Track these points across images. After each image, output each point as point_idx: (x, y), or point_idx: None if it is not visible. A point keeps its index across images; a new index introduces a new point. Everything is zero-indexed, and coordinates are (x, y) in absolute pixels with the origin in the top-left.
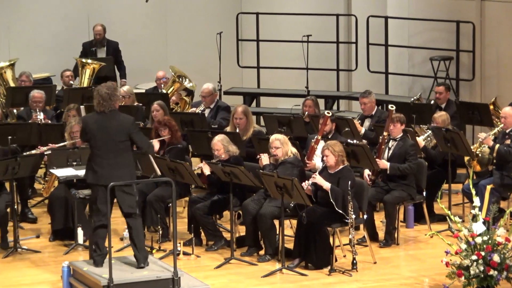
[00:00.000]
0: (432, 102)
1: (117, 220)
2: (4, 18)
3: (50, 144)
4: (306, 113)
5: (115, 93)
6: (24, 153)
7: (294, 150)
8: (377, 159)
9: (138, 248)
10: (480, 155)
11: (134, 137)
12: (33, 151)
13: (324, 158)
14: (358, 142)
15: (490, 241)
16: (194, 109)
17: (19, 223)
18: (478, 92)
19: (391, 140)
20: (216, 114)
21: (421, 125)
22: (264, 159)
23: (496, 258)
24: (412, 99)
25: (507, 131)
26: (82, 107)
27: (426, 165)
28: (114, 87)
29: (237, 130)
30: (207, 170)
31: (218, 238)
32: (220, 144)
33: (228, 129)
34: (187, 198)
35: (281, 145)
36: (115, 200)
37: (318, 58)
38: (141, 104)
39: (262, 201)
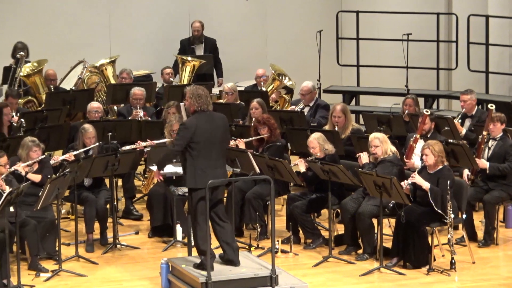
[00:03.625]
0: None
1: None
2: (106, 16)
3: (148, 139)
4: (406, 112)
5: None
6: (123, 148)
7: (393, 148)
8: (476, 159)
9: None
10: None
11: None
12: (132, 146)
13: (424, 157)
14: (457, 141)
15: None
16: (293, 107)
17: (119, 219)
18: None
19: (491, 140)
20: (315, 112)
21: None
22: (364, 157)
23: None
24: None
25: None
26: (182, 104)
27: None
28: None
29: (336, 129)
30: (302, 167)
31: (316, 236)
32: (316, 142)
33: (326, 127)
34: (285, 196)
35: (381, 143)
36: None
37: (418, 57)
38: (242, 103)
39: (360, 200)
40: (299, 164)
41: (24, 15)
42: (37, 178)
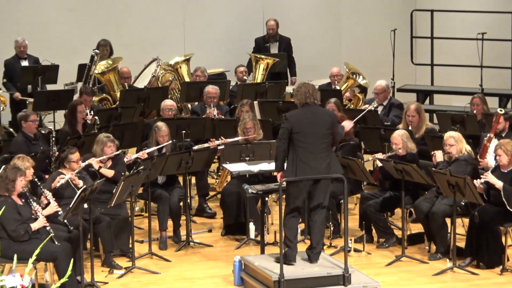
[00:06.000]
0: None
1: None
2: (180, 14)
3: (222, 138)
4: (475, 111)
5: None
6: (197, 146)
7: (468, 147)
8: None
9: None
10: None
11: (335, 131)
12: (206, 144)
13: (497, 157)
14: None
15: None
16: (367, 106)
17: (193, 217)
18: None
19: None
20: (389, 111)
21: None
22: (438, 155)
23: None
24: None
25: None
26: (255, 102)
27: None
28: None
29: (410, 128)
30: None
31: (389, 236)
32: (400, 138)
33: (400, 126)
34: (358, 195)
35: (456, 142)
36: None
37: (493, 56)
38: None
39: (434, 199)
40: (376, 156)
41: (100, 14)
42: (110, 173)
